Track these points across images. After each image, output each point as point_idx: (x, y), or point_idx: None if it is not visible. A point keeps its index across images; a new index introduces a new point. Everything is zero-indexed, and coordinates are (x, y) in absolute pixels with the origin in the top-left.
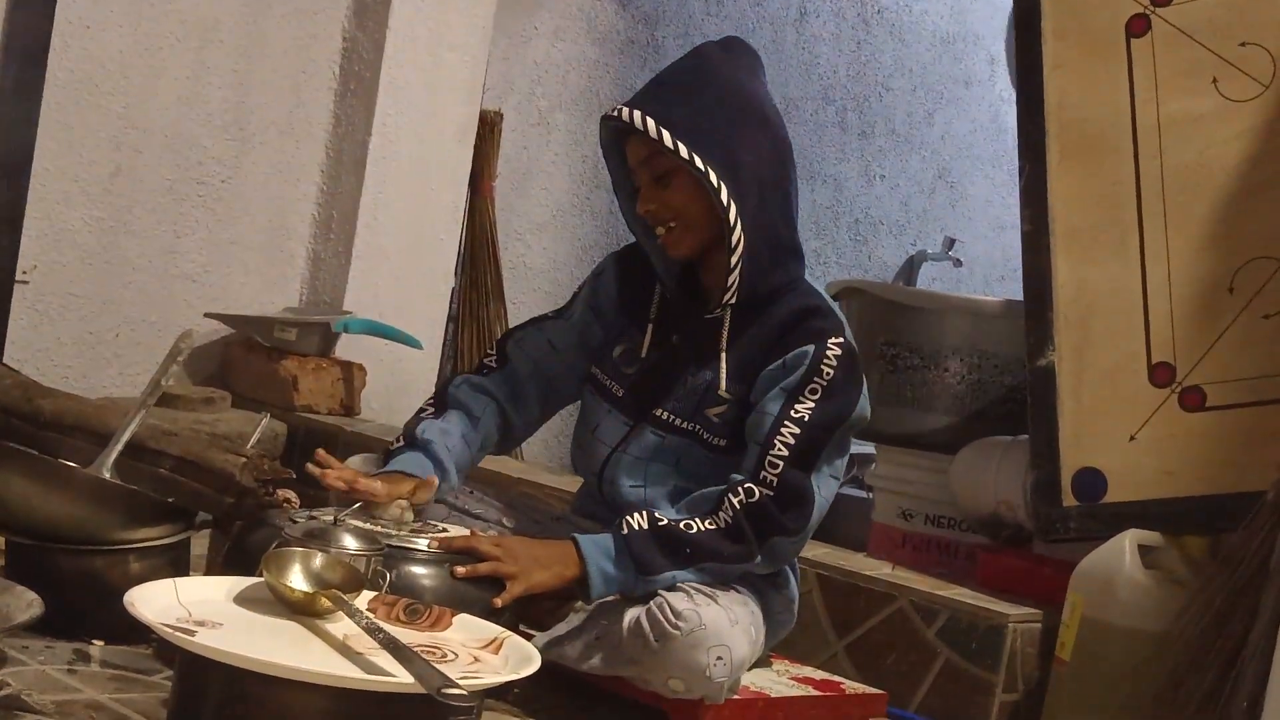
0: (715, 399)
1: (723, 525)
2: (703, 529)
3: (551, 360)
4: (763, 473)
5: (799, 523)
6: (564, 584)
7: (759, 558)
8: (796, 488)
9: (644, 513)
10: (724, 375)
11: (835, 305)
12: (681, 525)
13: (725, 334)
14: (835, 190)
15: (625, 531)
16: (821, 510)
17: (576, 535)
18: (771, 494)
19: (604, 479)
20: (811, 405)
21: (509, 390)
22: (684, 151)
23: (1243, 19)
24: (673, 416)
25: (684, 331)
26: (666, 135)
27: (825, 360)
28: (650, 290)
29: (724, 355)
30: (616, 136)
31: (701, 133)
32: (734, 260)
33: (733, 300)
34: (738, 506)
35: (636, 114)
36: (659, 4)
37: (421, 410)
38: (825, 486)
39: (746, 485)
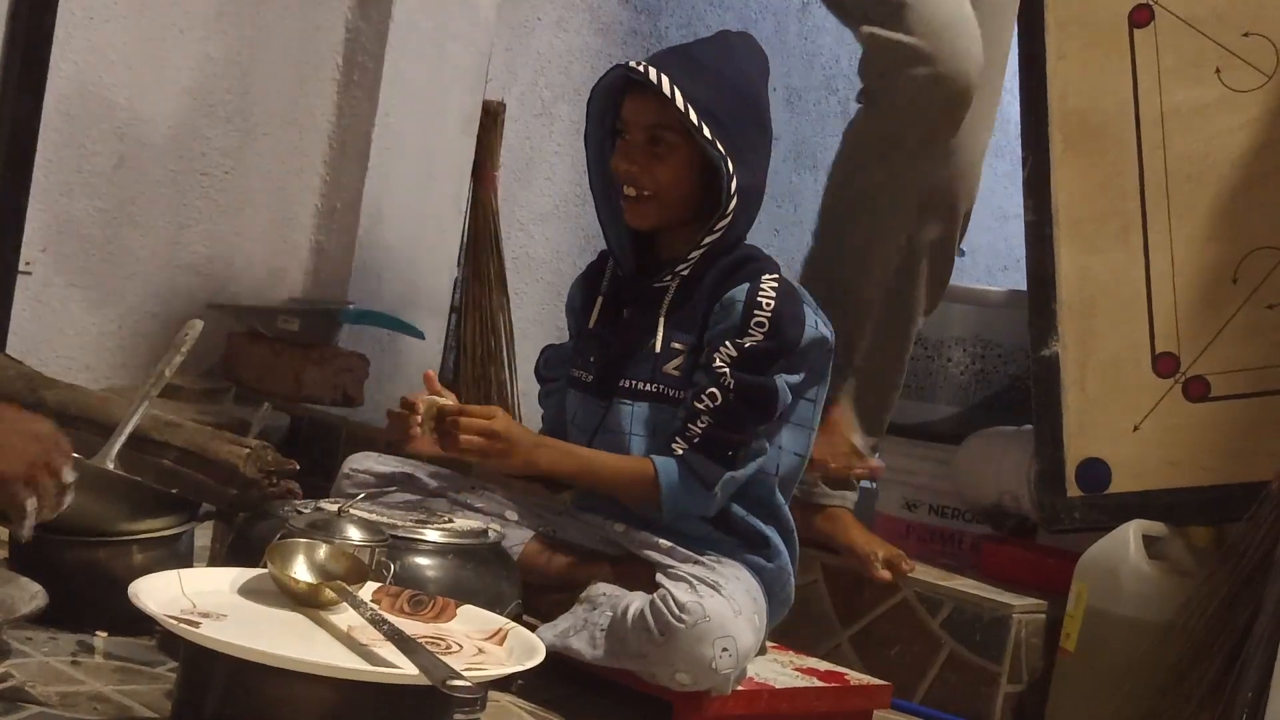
0: (669, 353)
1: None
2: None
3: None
4: (710, 388)
5: (765, 416)
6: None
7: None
8: (754, 384)
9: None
10: (660, 337)
11: (770, 256)
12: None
13: (668, 301)
14: None
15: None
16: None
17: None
18: (731, 393)
19: None
20: (759, 338)
21: None
22: (708, 131)
23: (1245, 9)
24: (635, 382)
25: (632, 303)
26: (693, 112)
27: (762, 292)
28: (602, 275)
29: (662, 321)
30: (616, 87)
31: (716, 118)
32: (707, 240)
33: (685, 272)
34: (703, 408)
35: (665, 79)
36: None
37: None
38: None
39: (708, 390)
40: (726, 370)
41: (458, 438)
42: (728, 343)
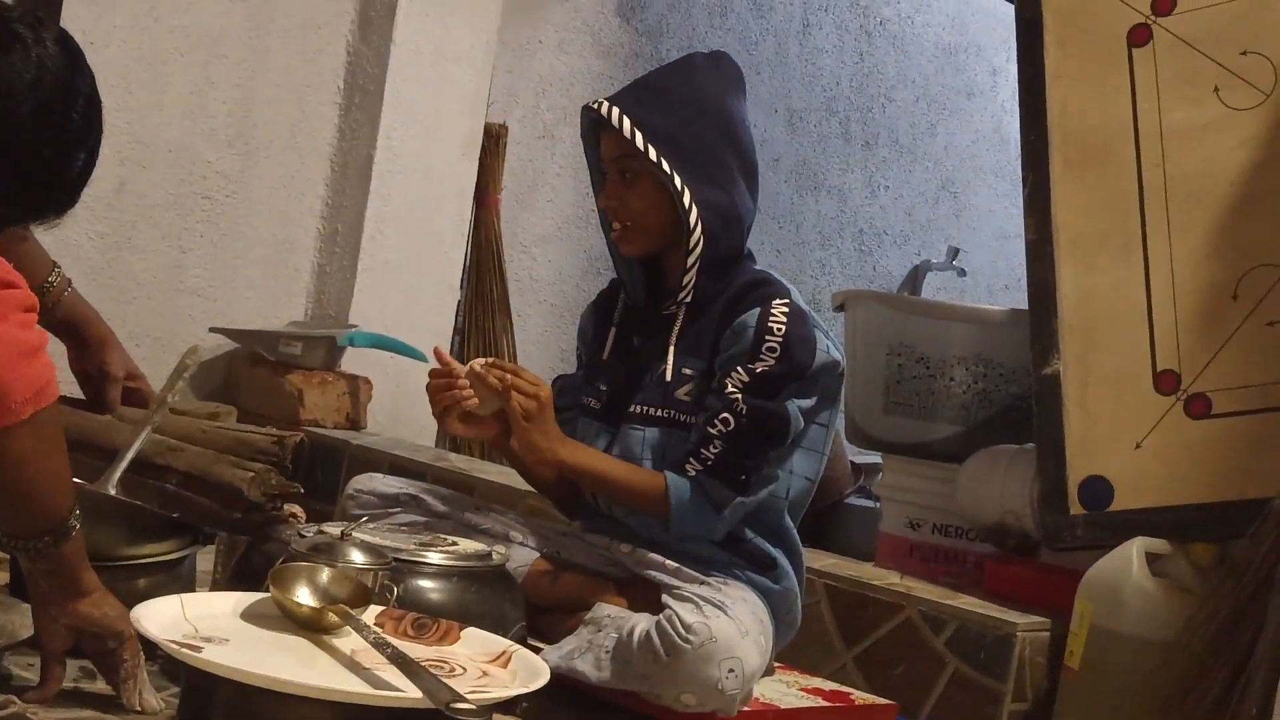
0: (680, 379)
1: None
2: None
3: None
4: (723, 413)
5: (778, 441)
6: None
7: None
8: (766, 410)
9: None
10: (671, 364)
11: (783, 280)
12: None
13: (677, 330)
14: (839, 201)
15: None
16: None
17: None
18: (744, 419)
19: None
20: (770, 363)
21: None
22: (653, 154)
23: (1243, 28)
24: (646, 408)
25: (643, 332)
26: (639, 136)
27: (773, 317)
28: (614, 305)
29: (672, 349)
30: (595, 127)
31: (674, 141)
32: (690, 261)
33: (687, 299)
34: (719, 432)
35: (615, 110)
36: (663, 17)
37: None
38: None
39: (721, 415)
40: (739, 395)
41: (509, 390)
42: (739, 367)
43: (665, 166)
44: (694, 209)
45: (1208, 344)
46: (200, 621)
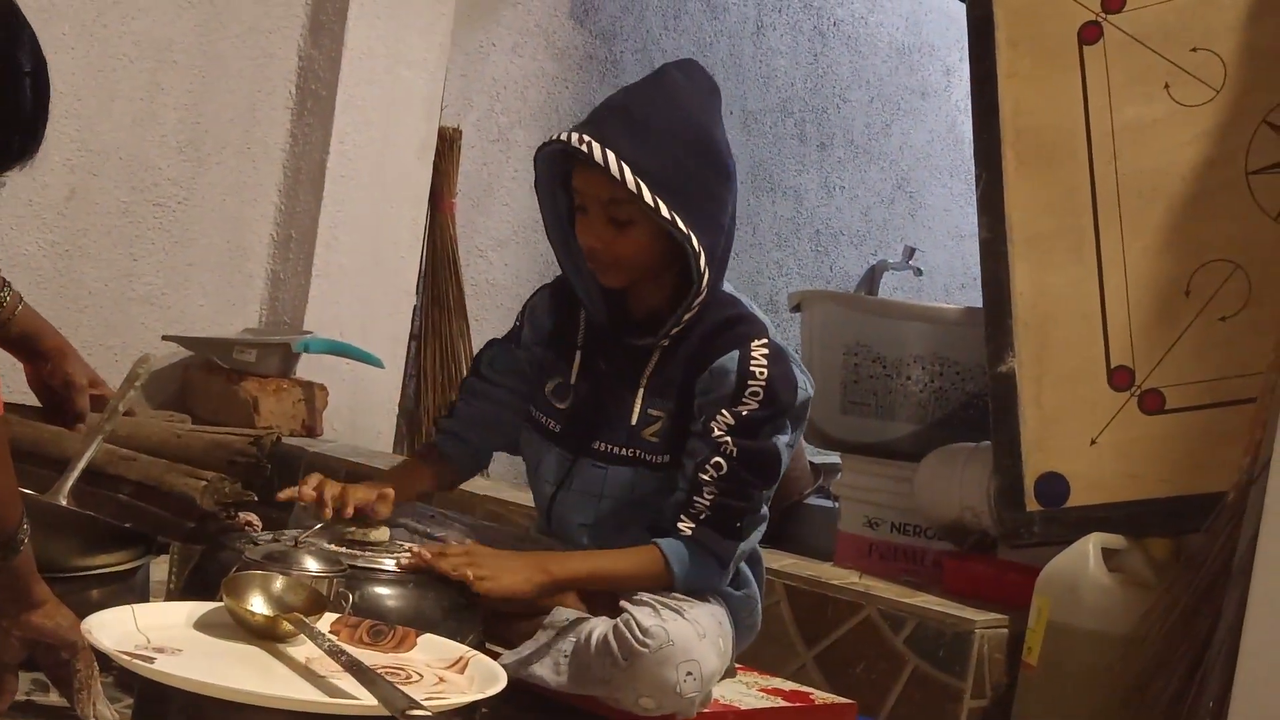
0: (647, 419)
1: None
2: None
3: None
4: (714, 458)
5: (770, 480)
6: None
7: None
8: (756, 449)
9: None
10: (639, 406)
11: (754, 307)
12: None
13: (651, 366)
14: (795, 202)
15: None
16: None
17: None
18: (735, 460)
19: (552, 517)
20: (755, 406)
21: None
22: (649, 199)
23: (1193, 24)
24: (610, 446)
25: (611, 359)
26: (639, 183)
27: (754, 360)
28: (577, 318)
29: (643, 388)
30: (566, 155)
31: (671, 185)
32: (684, 305)
33: (665, 341)
34: (710, 479)
35: (610, 155)
36: (617, 19)
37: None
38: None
39: (713, 460)
40: (728, 439)
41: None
42: (724, 410)
43: (665, 212)
44: (702, 255)
45: (1161, 340)
46: (152, 632)
